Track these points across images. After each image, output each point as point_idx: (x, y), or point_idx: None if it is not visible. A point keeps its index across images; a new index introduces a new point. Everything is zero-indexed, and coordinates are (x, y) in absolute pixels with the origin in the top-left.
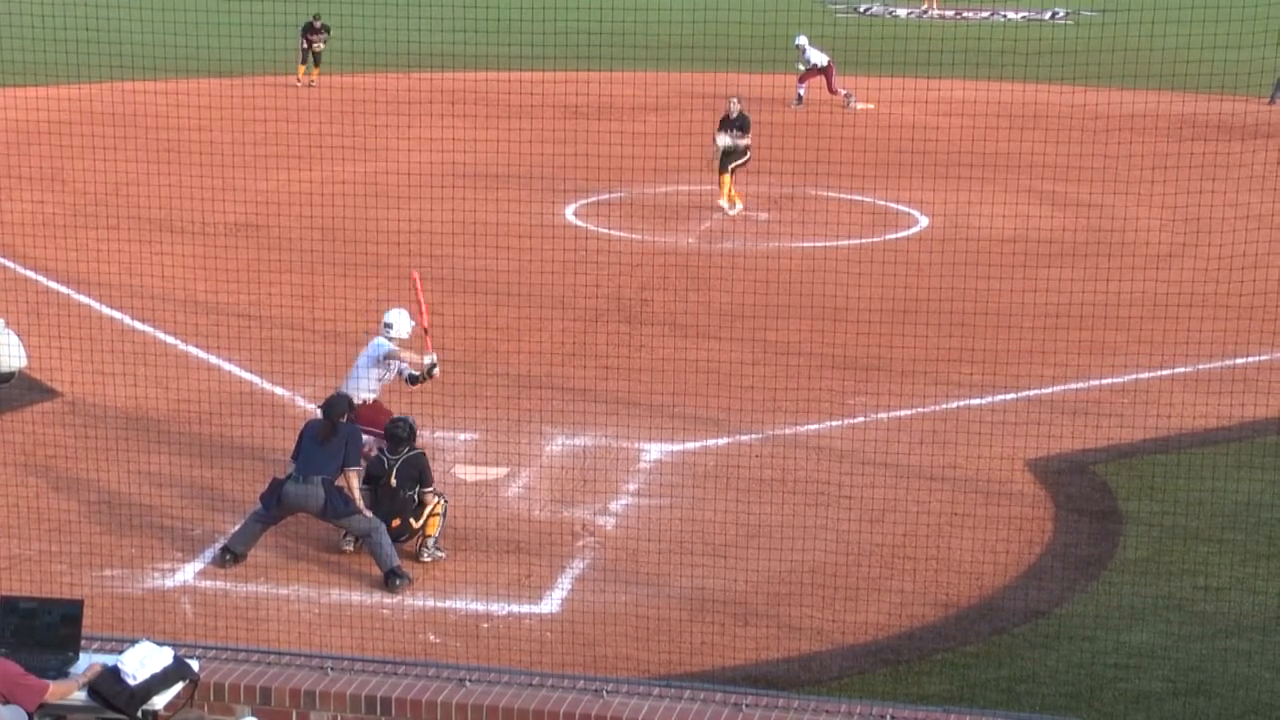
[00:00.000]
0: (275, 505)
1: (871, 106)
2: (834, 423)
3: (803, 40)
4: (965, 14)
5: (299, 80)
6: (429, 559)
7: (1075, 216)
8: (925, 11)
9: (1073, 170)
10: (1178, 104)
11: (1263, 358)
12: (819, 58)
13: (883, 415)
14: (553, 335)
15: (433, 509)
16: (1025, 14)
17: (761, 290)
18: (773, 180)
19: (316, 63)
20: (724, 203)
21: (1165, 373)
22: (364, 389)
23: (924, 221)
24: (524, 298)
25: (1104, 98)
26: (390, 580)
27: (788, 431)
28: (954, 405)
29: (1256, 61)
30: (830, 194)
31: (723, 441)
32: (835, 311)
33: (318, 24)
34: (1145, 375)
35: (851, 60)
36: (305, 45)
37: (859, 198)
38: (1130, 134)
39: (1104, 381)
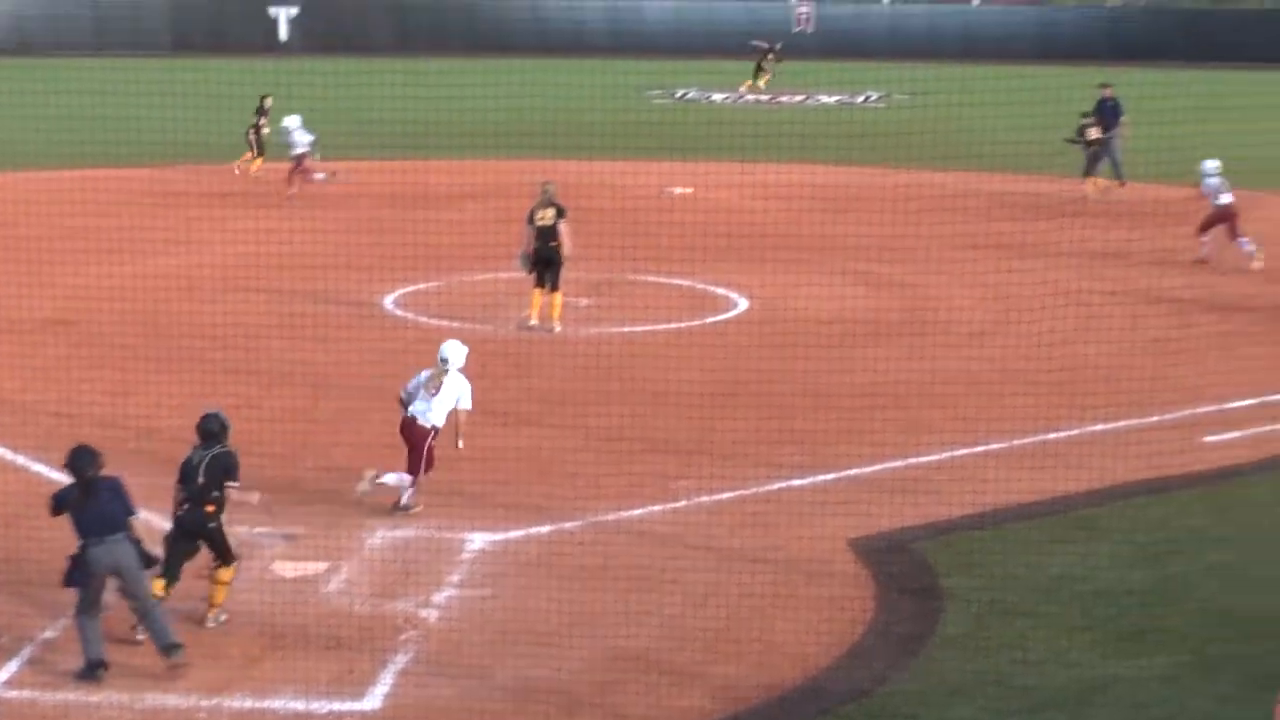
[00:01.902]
0: (87, 578)
1: (690, 191)
2: (656, 507)
3: (291, 122)
4: (780, 98)
5: (250, 170)
6: (213, 624)
7: (891, 296)
8: (741, 96)
9: (888, 251)
10: (988, 184)
11: (1073, 432)
12: (303, 137)
13: (705, 498)
14: (373, 426)
15: (219, 577)
16: (839, 97)
17: (583, 375)
18: (592, 266)
19: (261, 150)
20: (535, 321)
21: (980, 449)
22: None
23: (744, 304)
24: (343, 389)
25: (917, 179)
26: (169, 652)
27: (610, 517)
28: (776, 487)
29: (1058, 144)
30: (650, 278)
31: (545, 529)
32: (657, 395)
33: (267, 105)
34: (961, 452)
35: (669, 145)
36: (255, 131)
37: (679, 281)
38: (944, 214)
39: (922, 459)
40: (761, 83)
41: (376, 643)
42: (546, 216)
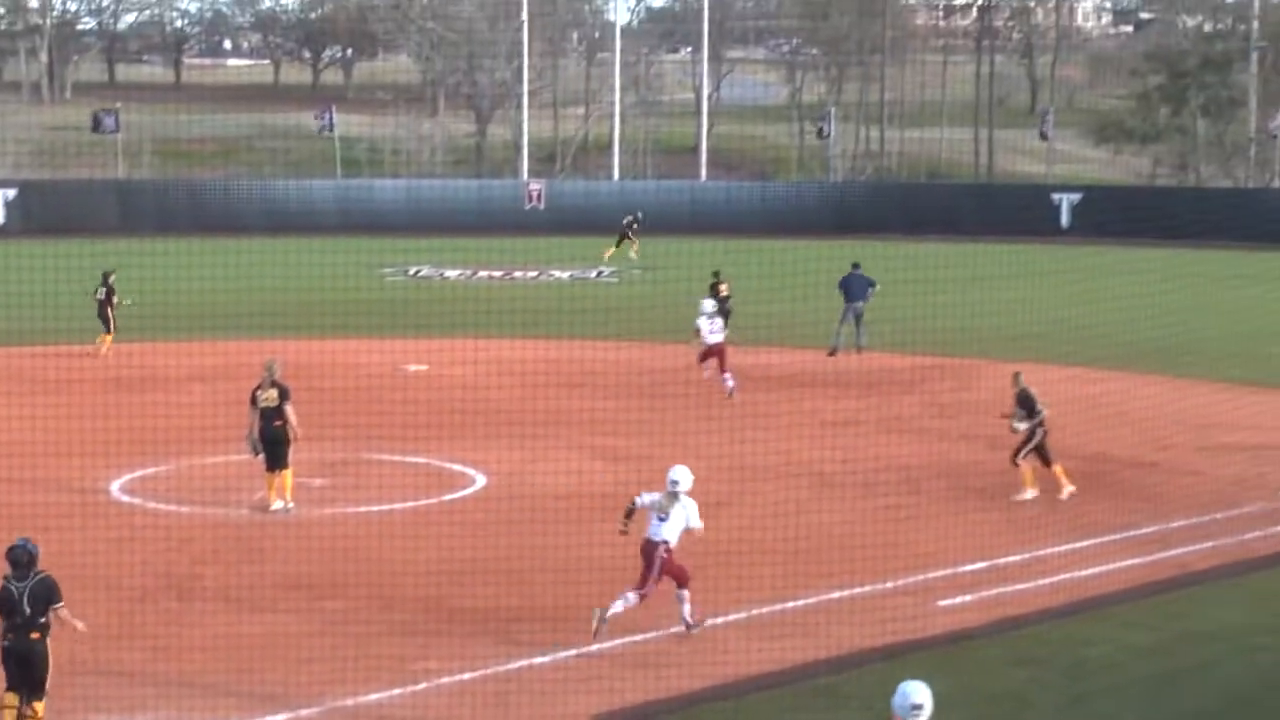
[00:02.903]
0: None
1: (425, 368)
2: (397, 691)
3: None
4: (515, 273)
5: (101, 349)
6: None
7: (629, 469)
8: (475, 272)
9: (624, 424)
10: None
11: (811, 600)
12: None
13: (446, 679)
14: (99, 618)
15: (31, 712)
16: (572, 273)
17: (319, 558)
18: (326, 445)
19: (110, 328)
20: (276, 504)
21: (721, 620)
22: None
23: (481, 480)
24: (67, 580)
25: (652, 352)
26: None
27: (349, 703)
28: (518, 665)
29: (812, 313)
30: (386, 457)
31: (282, 717)
32: (395, 576)
33: (111, 281)
34: (704, 623)
35: (402, 323)
36: (109, 307)
37: (415, 459)
38: (679, 386)
39: (663, 632)
40: (633, 252)
41: None
42: (270, 397)
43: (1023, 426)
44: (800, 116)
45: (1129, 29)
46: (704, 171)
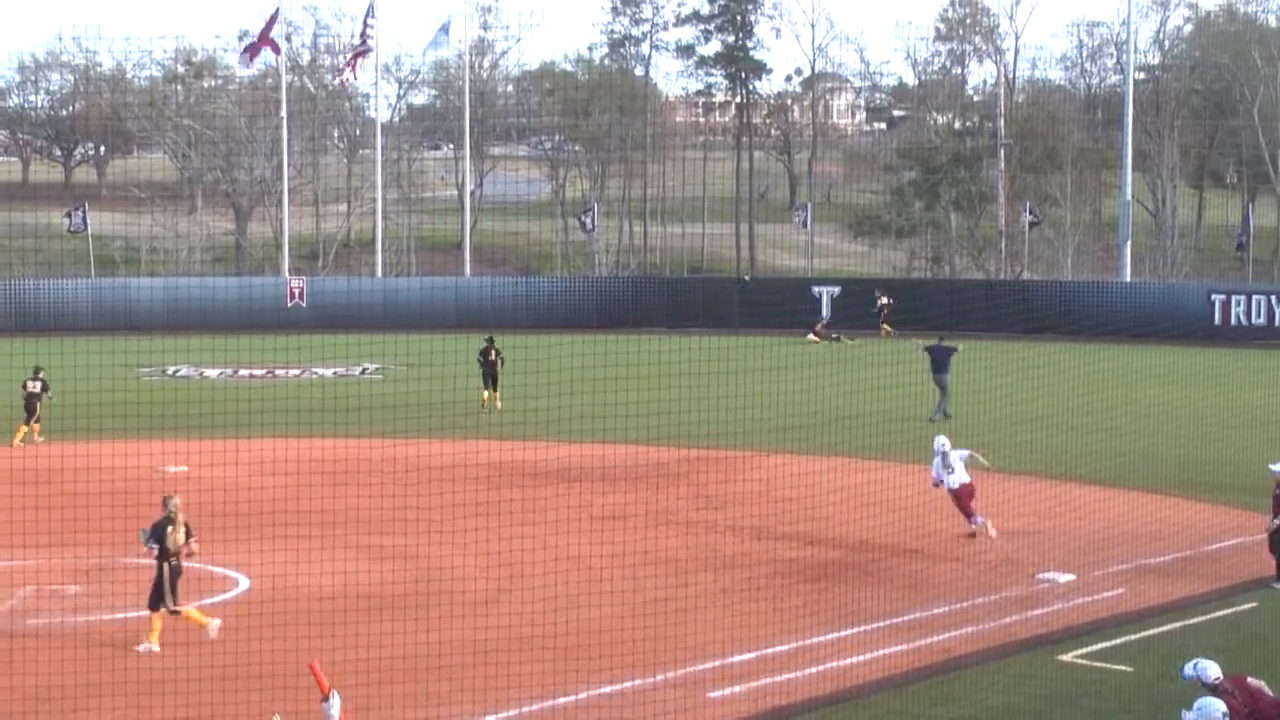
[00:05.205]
0: None
1: (185, 469)
2: None
3: None
4: (277, 371)
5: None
6: None
7: (396, 568)
8: (236, 371)
9: (390, 522)
10: (489, 452)
11: (581, 696)
12: None
13: None
14: None
15: None
16: (336, 370)
17: (76, 668)
18: (82, 551)
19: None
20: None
21: (493, 717)
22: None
23: (245, 583)
24: None
25: (418, 449)
26: None
27: None
28: None
29: (579, 406)
30: (146, 561)
31: None
32: (153, 684)
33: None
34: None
35: (161, 425)
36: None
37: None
38: (445, 484)
39: None
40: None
41: None
42: (178, 539)
43: None
44: (564, 212)
45: (883, 126)
46: (468, 268)
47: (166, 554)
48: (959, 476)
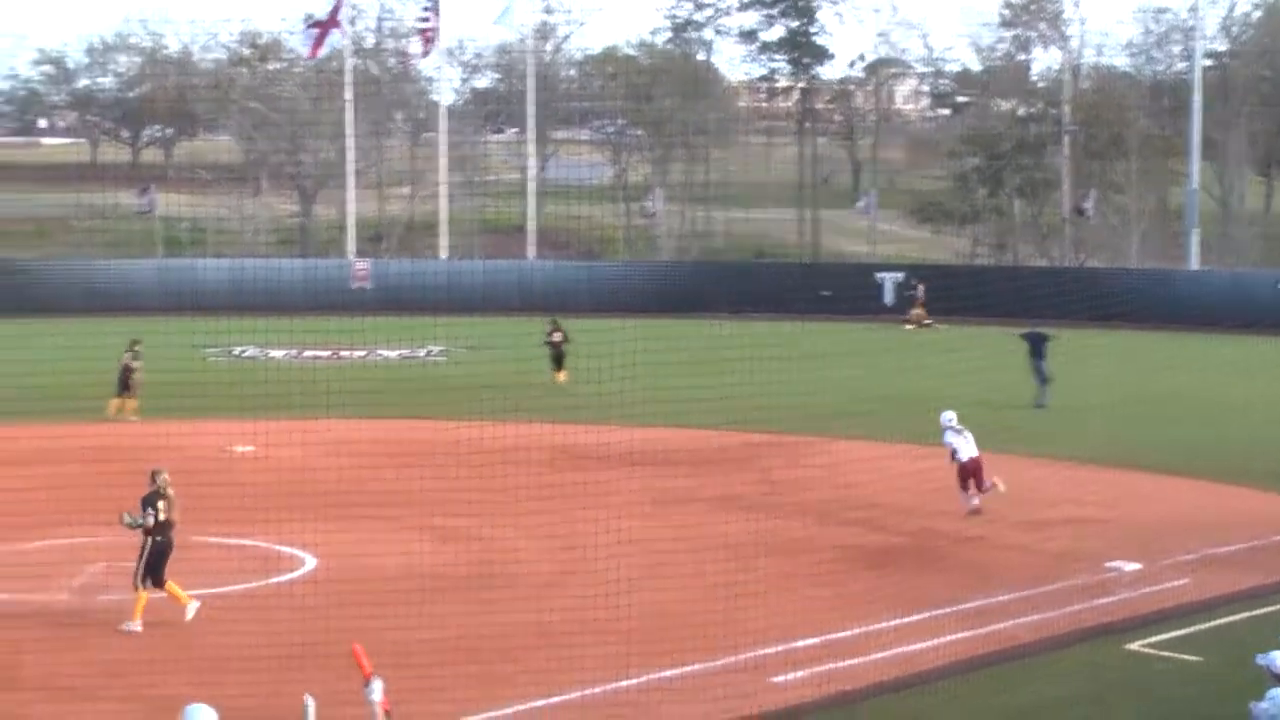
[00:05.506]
0: None
1: (252, 449)
2: None
3: None
4: (342, 352)
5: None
6: None
7: (458, 549)
8: (301, 352)
9: (454, 504)
10: (552, 435)
11: (644, 679)
12: None
13: None
14: None
15: None
16: (400, 352)
17: (145, 644)
18: None
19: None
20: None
21: (556, 700)
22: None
23: (312, 563)
24: None
25: (482, 432)
26: None
27: None
28: None
29: (642, 390)
30: (213, 539)
31: None
32: (222, 661)
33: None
34: (538, 703)
35: (228, 405)
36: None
37: (243, 541)
38: (509, 466)
39: (495, 713)
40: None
41: None
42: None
43: None
44: (626, 197)
45: (946, 112)
46: (532, 251)
47: (158, 528)
48: (969, 450)
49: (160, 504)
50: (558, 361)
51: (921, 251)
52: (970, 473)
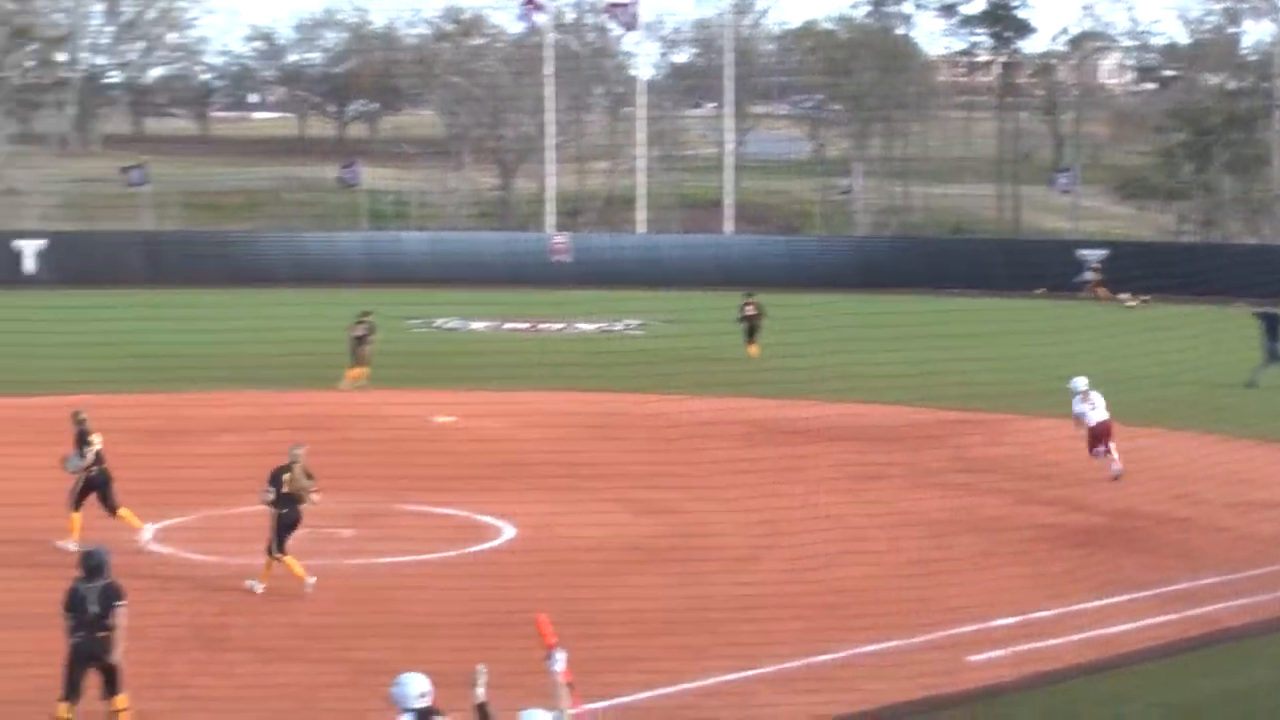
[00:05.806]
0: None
1: (453, 419)
2: None
3: None
4: (541, 326)
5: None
6: None
7: (656, 523)
8: (501, 324)
9: (652, 477)
10: (749, 410)
11: (840, 654)
12: None
13: None
14: (128, 667)
15: (116, 704)
16: (598, 325)
17: (348, 608)
18: (354, 496)
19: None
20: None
21: (751, 673)
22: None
23: (510, 532)
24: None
25: (678, 405)
26: None
27: None
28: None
29: (839, 366)
30: (414, 508)
31: None
32: (422, 627)
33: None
34: (732, 676)
35: (429, 376)
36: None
37: (443, 510)
38: (705, 440)
39: (692, 685)
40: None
41: None
42: (294, 479)
43: None
44: (824, 172)
45: (1152, 86)
46: (729, 225)
47: (282, 500)
48: (1099, 414)
49: (285, 477)
50: (751, 334)
51: (1125, 228)
52: (1099, 437)
